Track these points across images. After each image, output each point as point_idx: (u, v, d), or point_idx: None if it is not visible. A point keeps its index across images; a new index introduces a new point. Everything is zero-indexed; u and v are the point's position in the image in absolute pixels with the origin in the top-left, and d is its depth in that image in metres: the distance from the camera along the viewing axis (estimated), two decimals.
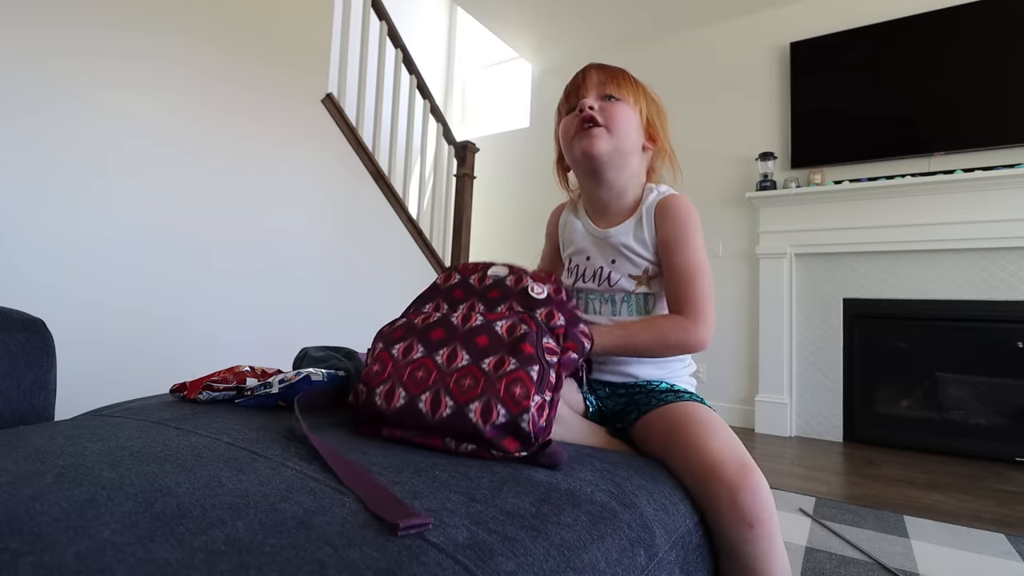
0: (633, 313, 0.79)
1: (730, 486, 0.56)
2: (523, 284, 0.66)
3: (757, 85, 3.09)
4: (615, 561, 0.44)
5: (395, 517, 0.38)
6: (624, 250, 0.80)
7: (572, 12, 3.27)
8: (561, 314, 0.63)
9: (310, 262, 2.28)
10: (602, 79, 0.81)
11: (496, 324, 0.59)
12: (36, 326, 0.78)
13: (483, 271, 0.69)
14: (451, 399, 0.54)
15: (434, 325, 0.61)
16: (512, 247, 4.02)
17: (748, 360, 2.98)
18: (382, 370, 0.59)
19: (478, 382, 0.54)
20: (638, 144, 0.82)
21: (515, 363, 0.55)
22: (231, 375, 0.73)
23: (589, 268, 0.83)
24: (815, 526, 1.48)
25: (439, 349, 0.58)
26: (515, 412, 0.53)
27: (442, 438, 0.55)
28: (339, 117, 2.40)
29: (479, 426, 0.52)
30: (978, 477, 2.07)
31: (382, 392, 0.57)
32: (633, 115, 0.80)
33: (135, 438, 0.52)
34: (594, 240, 0.84)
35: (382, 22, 2.62)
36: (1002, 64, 2.47)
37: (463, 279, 0.69)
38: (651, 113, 0.83)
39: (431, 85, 4.24)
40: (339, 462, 0.47)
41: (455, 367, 0.56)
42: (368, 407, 0.58)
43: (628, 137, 0.79)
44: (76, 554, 0.31)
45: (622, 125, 0.79)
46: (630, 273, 0.80)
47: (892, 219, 2.59)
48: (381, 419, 0.57)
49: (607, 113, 0.79)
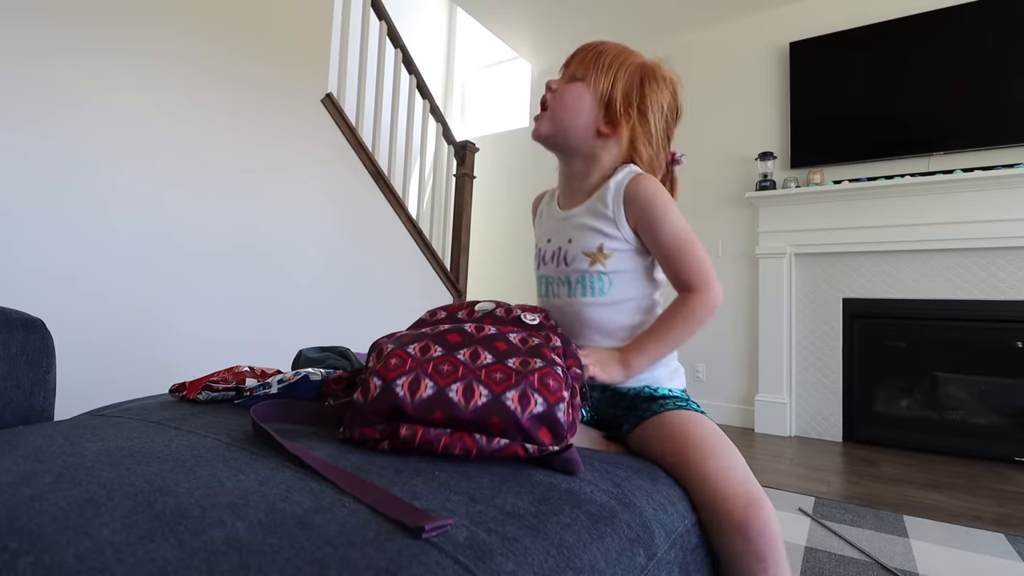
0: (587, 295, 0.75)
1: (741, 525, 0.56)
2: (514, 314, 0.65)
3: (757, 85, 3.09)
4: (614, 561, 0.44)
5: (416, 521, 0.38)
6: (580, 228, 0.77)
7: (572, 12, 3.27)
8: (556, 336, 0.63)
9: (309, 262, 2.28)
10: (577, 58, 0.78)
11: (509, 335, 0.59)
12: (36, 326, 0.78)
13: (470, 307, 0.67)
14: (485, 388, 0.52)
15: (449, 331, 0.59)
16: (512, 247, 4.02)
17: (748, 360, 2.98)
18: (401, 363, 0.54)
19: (510, 376, 0.53)
20: (588, 128, 0.77)
21: (541, 361, 0.55)
22: (230, 375, 0.73)
23: (548, 250, 0.81)
24: (815, 526, 1.48)
25: (459, 350, 0.56)
26: (552, 401, 0.52)
27: (472, 434, 0.52)
28: (339, 117, 2.40)
29: (517, 414, 0.51)
30: (978, 477, 2.07)
31: (405, 383, 0.52)
32: (584, 96, 0.76)
33: (135, 438, 0.52)
34: (556, 223, 0.81)
35: (382, 22, 2.62)
36: (1002, 64, 2.47)
37: (449, 315, 0.67)
38: (622, 94, 0.76)
39: (431, 85, 4.24)
40: (337, 473, 0.46)
41: (481, 364, 0.54)
42: (385, 401, 0.52)
43: (572, 120, 0.76)
44: (76, 554, 0.31)
45: (567, 108, 0.76)
46: (584, 250, 0.76)
47: (892, 219, 2.59)
48: (401, 414, 0.52)
49: (557, 95, 0.77)
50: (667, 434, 0.67)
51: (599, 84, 0.76)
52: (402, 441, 0.51)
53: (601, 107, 0.76)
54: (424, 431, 0.51)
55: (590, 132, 0.77)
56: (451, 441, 0.51)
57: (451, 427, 0.51)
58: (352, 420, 0.54)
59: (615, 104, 0.76)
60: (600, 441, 0.74)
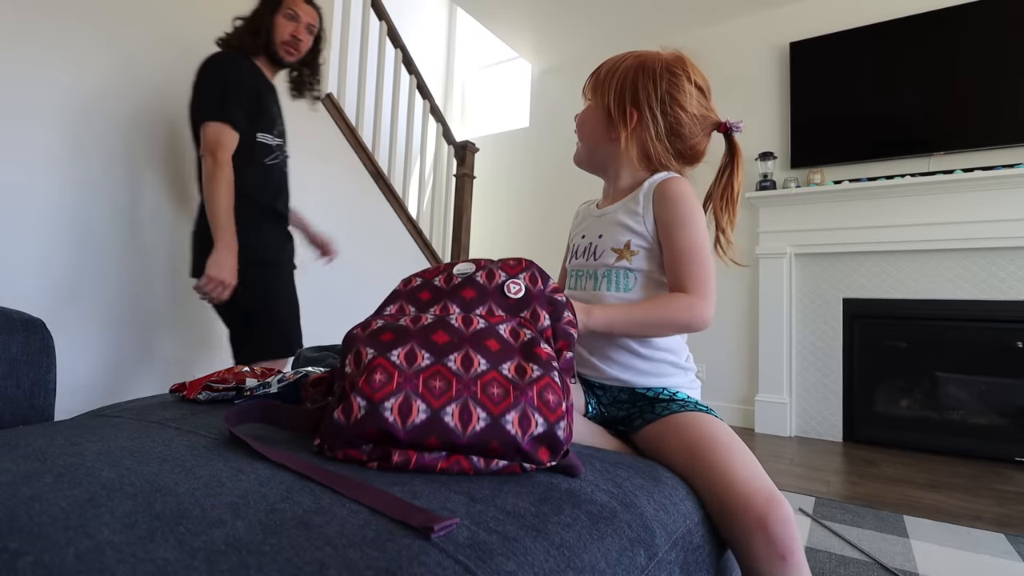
0: (612, 290, 0.78)
1: (762, 520, 0.57)
2: (497, 280, 0.61)
3: (757, 85, 3.09)
4: (615, 561, 0.44)
5: (424, 522, 0.38)
6: (612, 224, 0.81)
7: (572, 12, 3.27)
8: (543, 310, 0.59)
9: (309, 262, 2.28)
10: (588, 84, 0.86)
11: (498, 327, 0.55)
12: (36, 326, 0.77)
13: (447, 271, 0.63)
14: (483, 410, 0.48)
15: (433, 327, 0.53)
16: (512, 247, 4.02)
17: (748, 360, 2.98)
18: (387, 380, 0.48)
19: (507, 391, 0.50)
20: (602, 140, 0.84)
21: (538, 369, 0.52)
22: (230, 375, 0.73)
23: (581, 245, 0.85)
24: (815, 526, 1.48)
25: (449, 354, 0.51)
26: (552, 420, 0.50)
27: (469, 458, 0.49)
28: (339, 117, 2.40)
29: (518, 438, 0.48)
30: (978, 477, 2.07)
31: (394, 406, 0.47)
32: (594, 115, 0.84)
33: (135, 438, 0.52)
34: (592, 220, 0.86)
35: (382, 22, 2.62)
36: (1002, 64, 2.47)
37: (426, 281, 0.63)
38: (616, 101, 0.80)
39: (431, 85, 4.24)
40: (338, 478, 0.44)
41: (475, 373, 0.50)
42: (371, 424, 0.47)
43: (591, 140, 0.85)
44: (76, 554, 0.31)
45: (584, 132, 0.86)
46: (612, 246, 0.79)
47: (892, 219, 2.59)
48: (392, 441, 0.47)
49: (578, 122, 0.87)
50: (682, 433, 0.68)
51: (601, 99, 0.83)
52: (395, 467, 0.48)
53: (606, 119, 0.82)
54: (419, 456, 0.48)
55: (605, 144, 0.84)
56: (448, 465, 0.49)
57: (447, 450, 0.49)
58: (333, 440, 0.49)
59: (612, 112, 0.81)
60: (603, 438, 0.74)
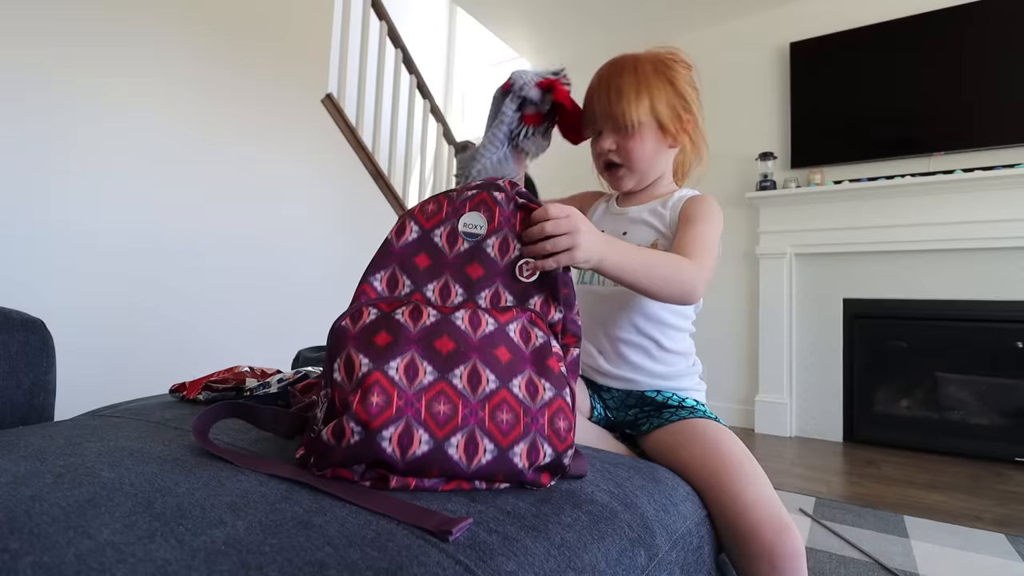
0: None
1: (770, 551, 0.58)
2: (511, 252, 0.54)
3: (757, 85, 3.09)
4: (615, 561, 0.44)
5: (439, 525, 0.38)
6: (638, 223, 0.82)
7: (572, 12, 3.27)
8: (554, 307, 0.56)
9: (309, 262, 2.28)
10: (609, 108, 0.76)
11: (508, 328, 0.51)
12: (35, 326, 0.77)
13: (451, 221, 0.54)
14: (490, 441, 0.45)
15: (436, 331, 0.48)
16: None
17: (748, 360, 2.98)
18: (386, 403, 0.43)
19: (517, 416, 0.47)
20: (661, 159, 0.82)
21: (550, 389, 0.49)
22: (230, 375, 0.73)
23: None
24: (815, 526, 1.48)
25: (454, 367, 0.46)
26: (561, 450, 0.48)
27: (471, 483, 0.47)
28: (339, 117, 2.40)
29: (524, 471, 0.47)
30: (978, 477, 2.07)
31: (393, 436, 0.42)
32: (649, 139, 0.78)
33: (135, 438, 0.52)
34: (613, 217, 0.86)
35: (382, 22, 2.62)
36: (1003, 64, 2.46)
37: (424, 234, 0.54)
38: (669, 109, 0.78)
39: (431, 85, 4.24)
40: (336, 486, 0.44)
41: (483, 394, 0.46)
42: (365, 452, 0.43)
43: (650, 165, 0.80)
44: (76, 554, 0.31)
45: (640, 160, 0.79)
46: (638, 243, 0.79)
47: (892, 219, 2.59)
48: (390, 469, 0.44)
49: (623, 152, 0.78)
50: (695, 446, 0.68)
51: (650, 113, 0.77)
52: (391, 490, 0.45)
53: (657, 134, 0.79)
54: (418, 482, 0.45)
55: (664, 156, 0.82)
56: (449, 490, 0.47)
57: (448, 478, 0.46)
58: (321, 459, 0.45)
59: (666, 122, 0.78)
60: (608, 442, 0.74)
